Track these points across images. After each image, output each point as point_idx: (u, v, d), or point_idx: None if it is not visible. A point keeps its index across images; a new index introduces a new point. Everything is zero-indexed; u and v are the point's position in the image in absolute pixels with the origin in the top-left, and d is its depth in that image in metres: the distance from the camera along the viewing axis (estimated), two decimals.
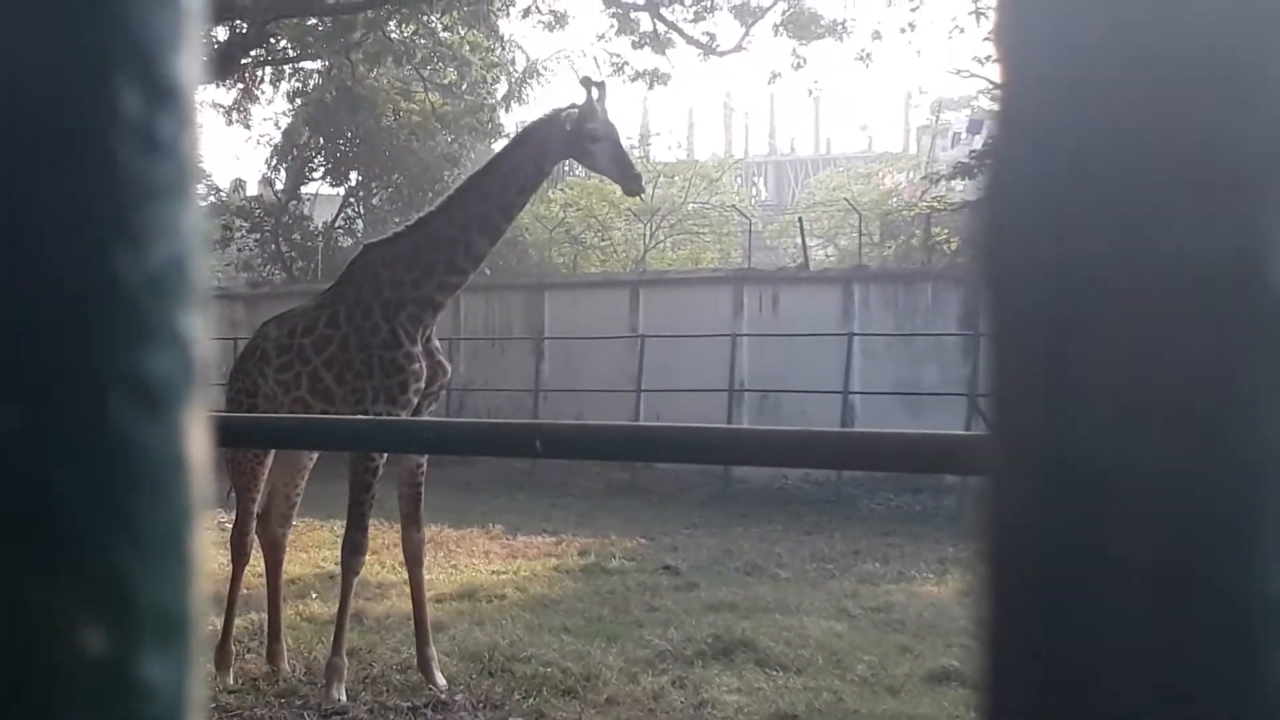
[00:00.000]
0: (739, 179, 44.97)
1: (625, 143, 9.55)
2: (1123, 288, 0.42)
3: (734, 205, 34.48)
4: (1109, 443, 0.42)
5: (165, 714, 0.43)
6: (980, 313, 0.47)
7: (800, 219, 29.14)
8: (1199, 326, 0.42)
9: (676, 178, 35.97)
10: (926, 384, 21.40)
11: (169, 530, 0.43)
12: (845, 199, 33.22)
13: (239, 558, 9.58)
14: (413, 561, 9.22)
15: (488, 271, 29.03)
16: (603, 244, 32.98)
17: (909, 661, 9.70)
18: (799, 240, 27.45)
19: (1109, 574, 0.42)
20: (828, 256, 33.94)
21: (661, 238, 33.65)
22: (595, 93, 9.19)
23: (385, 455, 8.92)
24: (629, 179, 9.28)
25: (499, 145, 38.59)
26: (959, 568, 14.30)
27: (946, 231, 27.80)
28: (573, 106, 9.28)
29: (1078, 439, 0.43)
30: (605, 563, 13.97)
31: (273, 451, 9.35)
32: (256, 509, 9.59)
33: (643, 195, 10.23)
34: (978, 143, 31.71)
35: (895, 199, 35.81)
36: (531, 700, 8.53)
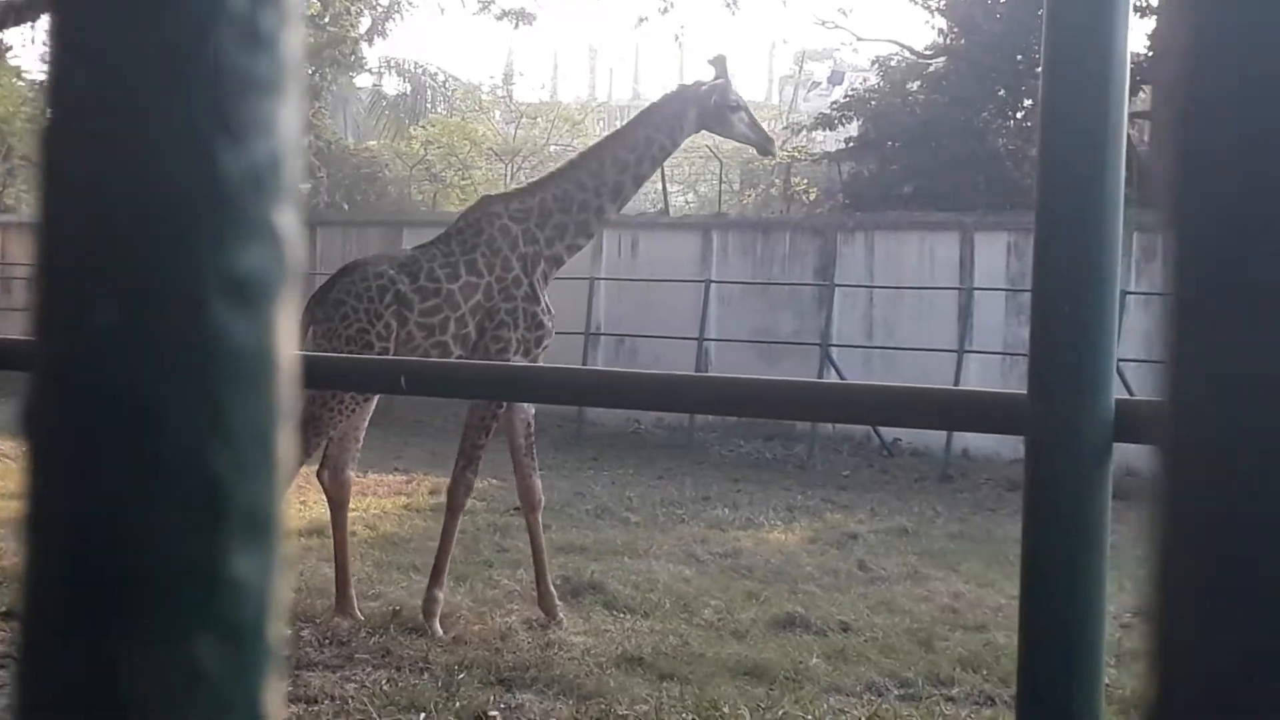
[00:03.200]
0: (602, 123, 44.84)
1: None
2: None
3: None
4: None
5: (252, 614, 0.42)
6: (1168, 271, 0.46)
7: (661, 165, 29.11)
8: None
9: (539, 119, 35.78)
10: (781, 332, 21.58)
11: (260, 431, 0.42)
12: (706, 146, 33.26)
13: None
14: (529, 506, 9.59)
15: (345, 206, 28.73)
16: (463, 183, 32.73)
17: (755, 607, 9.81)
18: (659, 186, 27.49)
19: None
20: (688, 203, 34.02)
21: (523, 179, 33.45)
22: (724, 67, 9.84)
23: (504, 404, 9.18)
24: (766, 142, 10.19)
25: (361, 79, 38.26)
26: (806, 515, 14.48)
27: (806, 181, 28.00)
28: (700, 83, 9.89)
29: (1254, 412, 0.43)
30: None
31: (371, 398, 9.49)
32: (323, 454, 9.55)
33: (508, 138, 10.63)
34: (839, 94, 31.94)
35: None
36: (378, 638, 8.50)
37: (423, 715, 7.10)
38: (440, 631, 8.78)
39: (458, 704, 7.27)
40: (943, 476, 18.14)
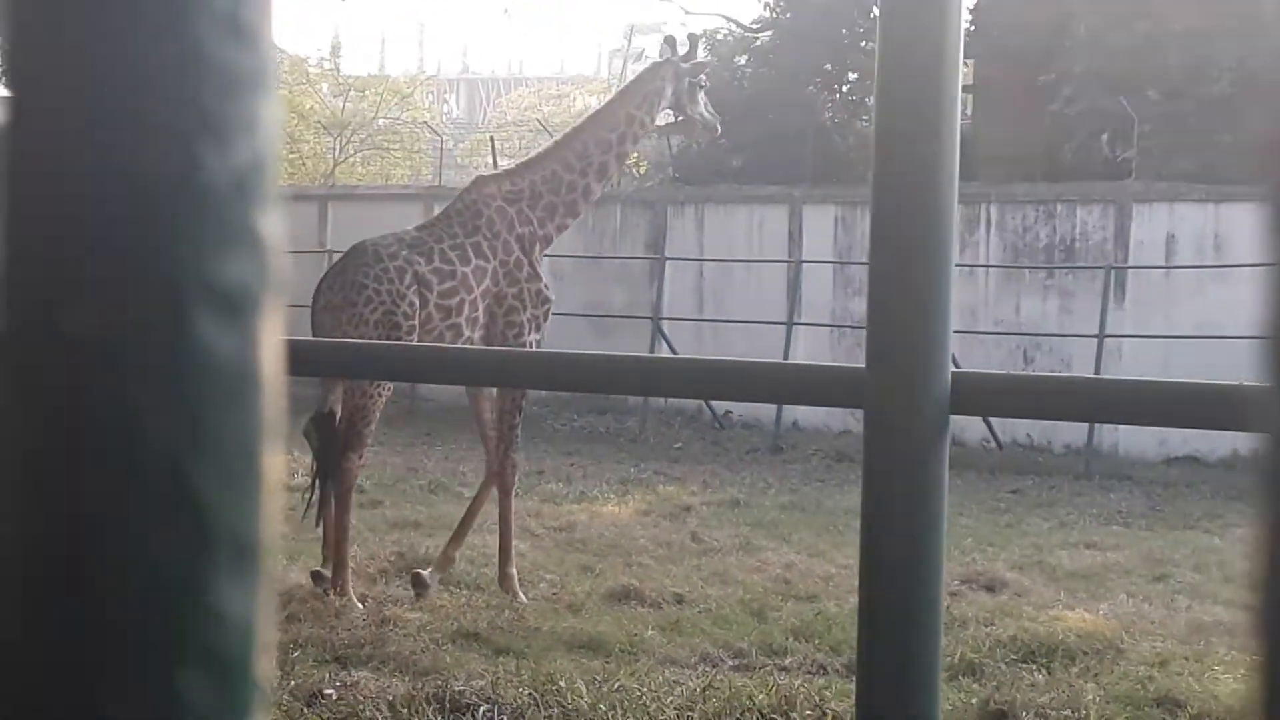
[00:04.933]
0: (430, 96, 44.47)
1: None
2: None
3: (425, 122, 34.13)
4: None
5: (238, 647, 0.39)
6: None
7: (492, 138, 29.01)
8: None
9: (368, 92, 35.37)
10: (613, 306, 21.63)
11: (244, 448, 0.39)
12: (537, 119, 33.20)
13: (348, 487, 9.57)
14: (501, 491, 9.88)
15: None
16: (291, 156, 32.28)
17: (590, 580, 9.85)
18: (490, 159, 27.35)
19: None
20: None
21: (351, 152, 33.11)
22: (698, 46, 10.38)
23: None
24: (717, 122, 10.48)
25: None
26: (640, 488, 14.54)
27: (636, 155, 28.05)
28: (671, 59, 10.19)
29: None
30: (288, 480, 13.76)
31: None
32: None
33: (336, 111, 10.87)
34: None
35: None
36: None
37: None
38: (524, 599, 9.20)
39: (292, 683, 7.19)
40: (773, 448, 18.34)
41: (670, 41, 10.44)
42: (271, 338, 0.40)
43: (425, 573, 9.29)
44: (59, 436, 0.37)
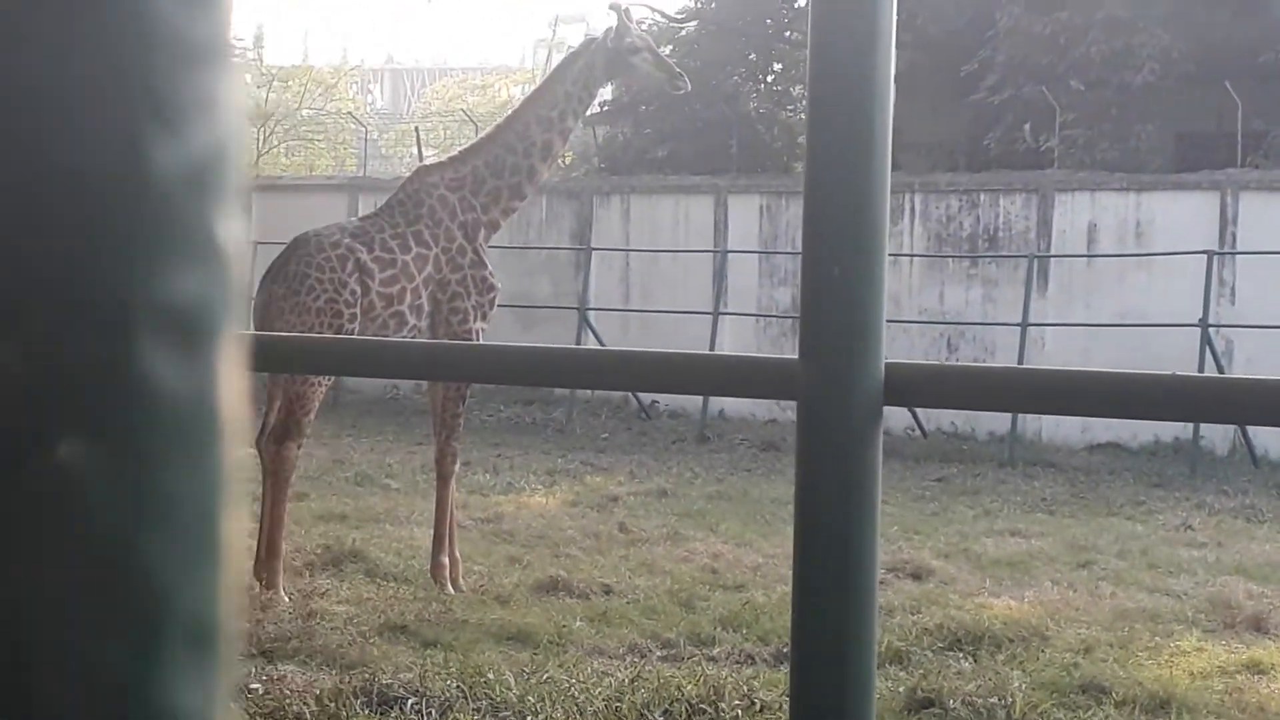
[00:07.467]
0: (355, 87, 44.25)
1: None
2: None
3: (350, 113, 33.98)
4: None
5: None
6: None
7: (417, 129, 28.89)
8: None
9: (291, 83, 35.14)
10: (538, 297, 21.55)
11: (202, 510, 0.31)
12: (462, 110, 33.09)
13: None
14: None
15: None
16: None
17: (518, 571, 9.82)
18: (415, 150, 27.24)
19: None
20: None
21: (275, 143, 32.89)
22: (624, 13, 10.13)
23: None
24: (675, 78, 10.27)
25: None
26: (567, 478, 14.52)
27: None
28: (595, 36, 10.30)
29: None
30: None
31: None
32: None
33: (260, 101, 10.73)
34: None
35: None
36: None
37: None
38: (452, 591, 9.17)
39: None
40: (700, 438, 18.35)
41: (615, 7, 10.39)
42: (233, 370, 0.33)
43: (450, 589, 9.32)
44: None
